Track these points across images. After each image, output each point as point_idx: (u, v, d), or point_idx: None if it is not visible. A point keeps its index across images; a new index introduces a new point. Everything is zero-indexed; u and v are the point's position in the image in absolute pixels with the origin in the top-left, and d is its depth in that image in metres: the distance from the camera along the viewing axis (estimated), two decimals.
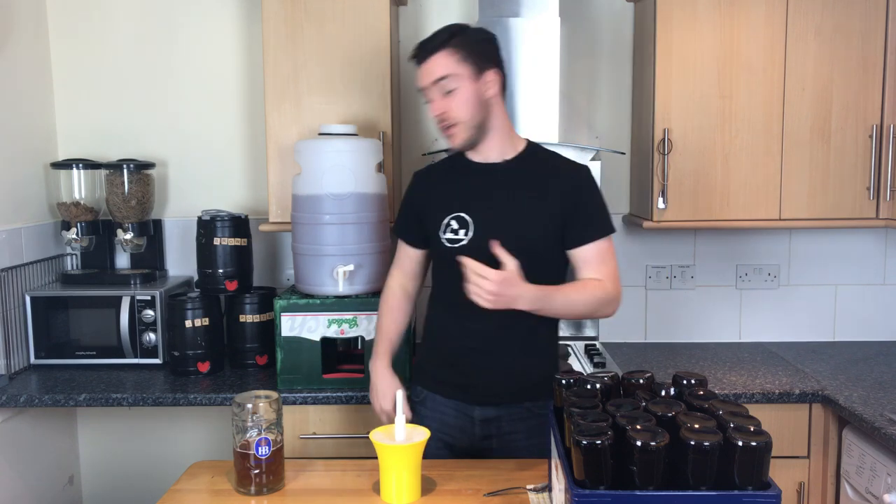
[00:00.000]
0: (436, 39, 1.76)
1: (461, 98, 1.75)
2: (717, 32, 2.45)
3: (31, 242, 2.57)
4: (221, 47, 2.76)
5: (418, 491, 1.56)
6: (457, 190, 1.86)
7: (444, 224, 1.83)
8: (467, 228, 1.80)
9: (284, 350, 2.27)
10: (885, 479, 1.95)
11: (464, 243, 1.80)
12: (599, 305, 1.79)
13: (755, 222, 2.52)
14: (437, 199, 1.87)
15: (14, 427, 2.40)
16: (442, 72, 1.74)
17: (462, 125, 1.77)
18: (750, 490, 1.12)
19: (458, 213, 1.82)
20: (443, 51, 1.75)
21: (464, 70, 1.74)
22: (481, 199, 1.82)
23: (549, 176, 1.81)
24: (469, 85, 1.75)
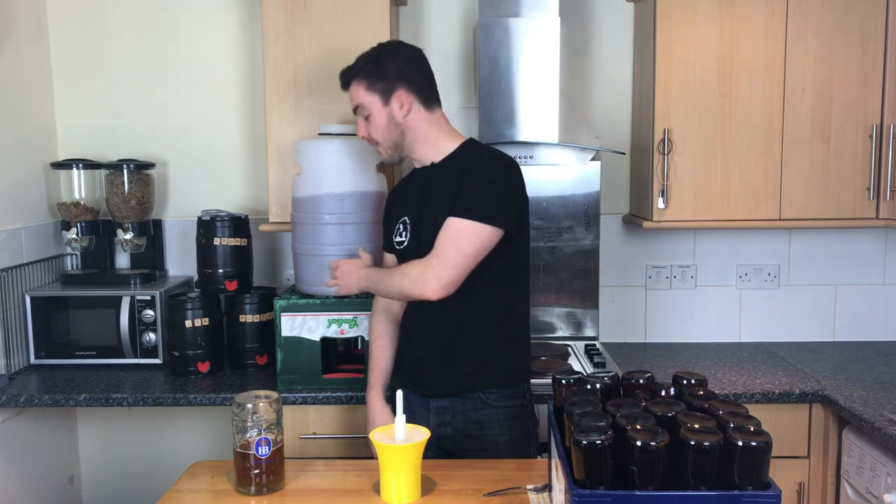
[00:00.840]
0: (351, 70, 1.91)
1: (374, 123, 1.89)
2: (717, 32, 2.45)
3: (31, 242, 2.57)
4: (221, 47, 2.76)
5: (418, 491, 1.56)
6: (404, 196, 1.98)
7: (395, 229, 1.96)
8: (406, 230, 1.92)
9: (284, 350, 2.27)
10: (885, 479, 1.95)
11: (405, 245, 1.91)
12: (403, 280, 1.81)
13: (755, 222, 2.51)
14: (392, 206, 2.02)
15: (14, 427, 2.40)
16: (355, 101, 1.91)
17: (384, 144, 1.91)
18: (750, 490, 1.12)
19: (403, 218, 1.94)
20: (354, 81, 1.90)
21: (372, 98, 1.88)
22: (415, 201, 1.92)
23: (461, 170, 1.83)
24: (379, 110, 1.88)
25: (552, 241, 2.73)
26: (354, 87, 1.90)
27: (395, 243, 1.95)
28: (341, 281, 2.01)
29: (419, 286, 1.78)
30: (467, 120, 2.77)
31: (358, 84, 1.89)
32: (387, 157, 1.94)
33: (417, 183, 1.94)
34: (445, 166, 1.89)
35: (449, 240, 1.77)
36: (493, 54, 2.50)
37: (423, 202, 1.89)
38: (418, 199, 1.91)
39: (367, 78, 1.87)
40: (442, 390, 1.90)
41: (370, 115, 1.89)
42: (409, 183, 2.00)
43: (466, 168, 1.83)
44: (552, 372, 1.94)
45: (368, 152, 2.25)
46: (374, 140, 1.92)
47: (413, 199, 1.93)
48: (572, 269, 2.74)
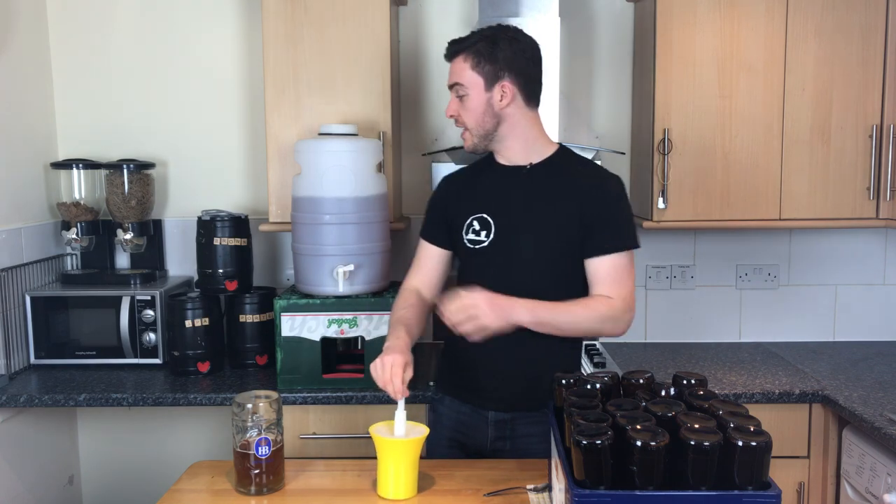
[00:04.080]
0: (460, 42, 1.78)
1: (469, 106, 1.77)
2: (717, 32, 2.45)
3: (31, 242, 2.57)
4: (221, 47, 2.76)
5: (415, 487, 1.57)
6: (481, 191, 1.85)
7: (466, 224, 1.83)
8: (489, 230, 1.80)
9: (284, 350, 2.27)
10: (885, 479, 1.95)
11: (484, 245, 1.80)
12: (603, 324, 1.73)
13: (755, 222, 2.52)
14: (463, 200, 1.86)
15: (14, 427, 2.40)
16: (455, 78, 1.77)
17: (471, 131, 1.79)
18: (750, 490, 1.12)
19: (479, 215, 1.82)
20: (459, 56, 1.77)
21: (475, 79, 1.75)
22: (503, 201, 1.81)
23: (573, 181, 1.79)
24: (478, 94, 1.75)
25: None
26: (460, 62, 1.76)
27: (468, 241, 1.82)
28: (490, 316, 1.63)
29: (619, 327, 1.73)
30: None
31: (465, 60, 1.75)
32: (471, 145, 1.81)
33: (503, 182, 1.82)
34: (546, 172, 1.80)
35: (627, 274, 1.73)
36: None
37: (519, 205, 1.79)
38: (508, 200, 1.80)
39: (477, 57, 1.75)
40: (511, 403, 1.81)
41: (466, 97, 1.76)
42: (482, 177, 1.87)
43: (600, 194, 1.76)
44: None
45: (368, 152, 2.25)
46: (462, 123, 1.79)
47: (498, 197, 1.81)
48: None
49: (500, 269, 1.78)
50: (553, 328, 1.71)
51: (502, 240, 1.78)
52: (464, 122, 1.78)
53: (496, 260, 1.77)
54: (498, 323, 1.63)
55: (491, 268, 1.79)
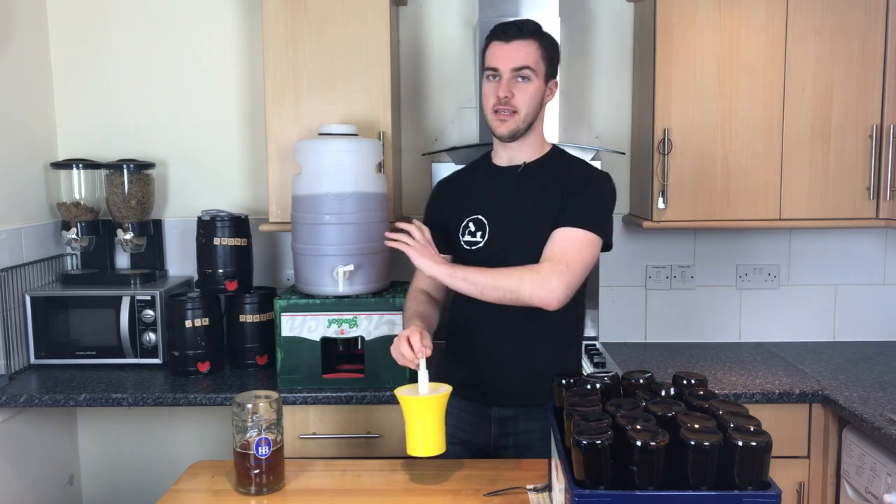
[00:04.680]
0: (528, 25, 1.77)
1: (530, 92, 1.76)
2: (717, 33, 2.45)
3: (31, 242, 2.57)
4: (221, 47, 2.76)
5: (443, 443, 1.60)
6: (476, 193, 1.87)
7: (462, 226, 1.85)
8: (483, 231, 1.81)
9: (284, 350, 2.27)
10: (885, 479, 1.95)
11: (480, 246, 1.81)
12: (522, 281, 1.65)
13: (755, 222, 2.52)
14: (459, 203, 1.88)
15: (14, 427, 2.40)
16: (525, 60, 1.75)
17: (518, 116, 1.77)
18: (750, 490, 1.12)
19: (475, 216, 1.84)
20: (532, 40, 1.76)
21: (541, 68, 1.78)
22: (497, 201, 1.83)
23: (561, 178, 1.80)
24: (539, 83, 1.78)
25: None
26: (532, 45, 1.75)
27: (465, 243, 1.83)
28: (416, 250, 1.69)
29: (544, 292, 1.64)
30: (467, 120, 2.77)
31: (537, 47, 1.76)
32: (513, 128, 1.77)
33: (496, 182, 1.85)
34: (540, 170, 1.83)
35: (575, 249, 1.69)
36: None
37: (510, 204, 1.81)
38: (501, 200, 1.82)
39: (546, 48, 1.78)
40: (514, 400, 1.83)
41: (528, 81, 1.75)
42: (476, 179, 1.89)
43: (577, 178, 1.79)
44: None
45: (368, 152, 2.25)
46: (512, 106, 1.75)
47: (491, 198, 1.83)
48: None
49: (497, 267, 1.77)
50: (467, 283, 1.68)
51: (496, 240, 1.80)
52: (516, 105, 1.75)
53: (491, 260, 1.77)
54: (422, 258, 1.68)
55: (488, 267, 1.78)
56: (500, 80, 1.76)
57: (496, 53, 1.76)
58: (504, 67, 1.75)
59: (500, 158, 1.87)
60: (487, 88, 1.78)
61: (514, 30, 1.75)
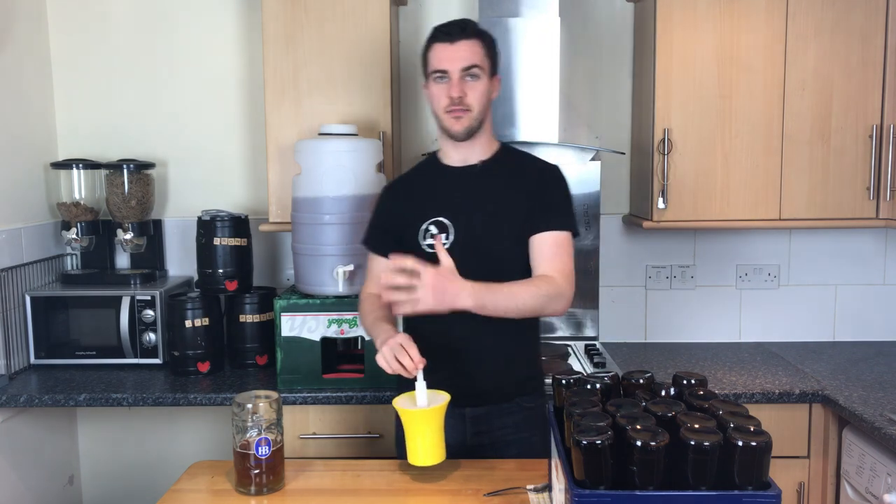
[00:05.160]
0: (470, 24, 1.79)
1: (480, 89, 1.78)
2: (717, 32, 2.45)
3: (31, 242, 2.57)
4: (221, 47, 2.76)
5: (443, 452, 1.61)
6: (434, 195, 1.86)
7: (422, 230, 1.82)
8: (447, 232, 1.81)
9: (284, 350, 2.27)
10: (885, 479, 1.95)
11: (445, 247, 1.78)
12: (547, 301, 1.72)
13: (755, 222, 2.51)
14: (414, 207, 1.86)
15: (14, 427, 2.40)
16: (474, 60, 1.76)
17: (472, 114, 1.78)
18: (750, 490, 1.12)
19: (436, 218, 1.82)
20: (476, 39, 1.78)
21: (486, 65, 1.79)
22: (459, 202, 1.82)
23: (521, 175, 1.84)
24: (486, 80, 1.79)
25: None
26: (477, 44, 1.77)
27: (428, 246, 1.80)
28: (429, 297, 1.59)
29: (561, 305, 1.74)
30: None
31: (481, 45, 1.78)
32: (465, 127, 1.78)
33: (455, 182, 1.84)
34: (496, 168, 1.83)
35: (566, 253, 1.79)
36: None
37: (474, 204, 1.81)
38: (463, 200, 1.82)
39: (488, 45, 1.80)
40: (487, 399, 1.83)
41: (477, 80, 1.76)
42: (429, 181, 1.89)
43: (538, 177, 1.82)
44: (552, 372, 1.93)
45: (368, 152, 2.25)
46: (465, 105, 1.76)
47: (453, 199, 1.82)
48: None
49: (463, 269, 1.76)
50: (496, 311, 1.69)
51: (463, 240, 1.79)
52: (469, 103, 1.77)
53: (458, 261, 1.74)
54: (436, 307, 1.61)
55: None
56: (450, 80, 1.76)
57: (442, 55, 1.77)
58: (453, 68, 1.75)
59: (451, 159, 1.86)
60: (437, 90, 1.78)
61: (458, 30, 1.77)
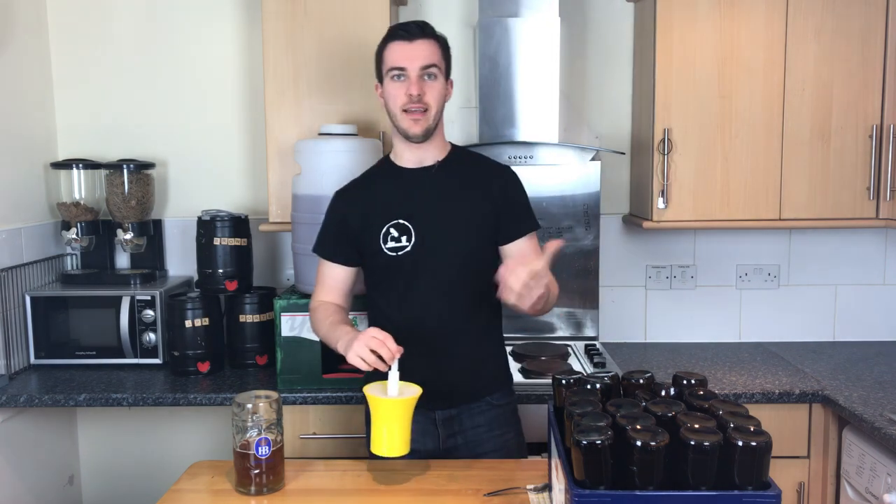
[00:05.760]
0: (427, 26, 1.79)
1: (437, 88, 1.78)
2: (717, 32, 2.45)
3: (31, 242, 2.57)
4: (221, 47, 2.76)
5: (407, 445, 1.59)
6: (390, 198, 1.84)
7: (382, 234, 1.81)
8: (409, 235, 1.79)
9: (284, 350, 2.27)
10: (885, 479, 1.95)
11: (407, 250, 1.79)
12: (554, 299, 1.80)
13: (755, 222, 2.51)
14: (371, 211, 1.84)
15: (14, 427, 2.40)
16: (431, 59, 1.76)
17: (429, 113, 1.77)
18: (750, 490, 1.12)
19: (396, 221, 1.80)
20: (433, 40, 1.78)
21: (443, 66, 1.80)
22: (419, 203, 1.81)
23: (478, 176, 1.86)
24: (442, 80, 1.80)
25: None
26: (434, 45, 1.77)
27: (389, 249, 1.80)
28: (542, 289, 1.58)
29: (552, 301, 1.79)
30: (467, 120, 2.77)
31: (438, 46, 1.78)
32: (422, 127, 1.77)
33: (412, 184, 1.83)
34: (452, 169, 1.84)
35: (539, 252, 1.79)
36: (492, 54, 2.50)
37: (434, 205, 1.81)
38: (423, 201, 1.81)
39: (444, 47, 1.81)
40: (455, 400, 1.84)
41: (435, 80, 1.76)
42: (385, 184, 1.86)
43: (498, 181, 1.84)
44: (552, 372, 1.94)
45: (369, 152, 2.25)
46: (424, 103, 1.75)
47: (412, 200, 1.82)
48: (572, 269, 2.74)
49: (427, 270, 1.80)
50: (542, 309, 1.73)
51: (425, 242, 1.79)
52: (427, 102, 1.76)
53: (421, 263, 1.78)
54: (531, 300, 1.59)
55: (417, 271, 1.80)
56: (408, 79, 1.75)
57: (401, 53, 1.75)
58: (412, 66, 1.74)
59: (405, 160, 1.85)
60: (395, 88, 1.76)
61: (417, 29, 1.76)
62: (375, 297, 1.90)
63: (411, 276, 1.80)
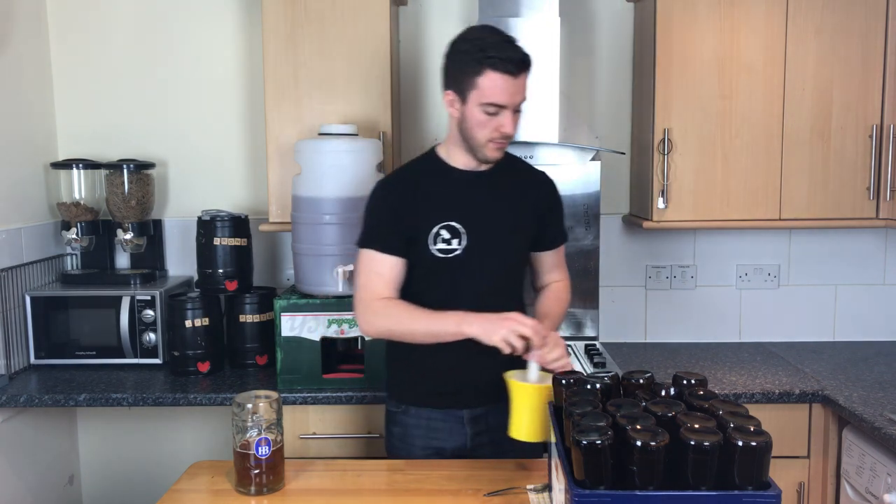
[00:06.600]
0: (526, 57, 1.68)
1: (519, 119, 1.73)
2: (717, 32, 2.45)
3: (31, 242, 2.57)
4: (221, 47, 2.76)
5: (545, 433, 1.57)
6: (441, 197, 1.79)
7: (433, 234, 1.76)
8: (460, 238, 1.76)
9: (284, 350, 2.27)
10: (885, 479, 1.95)
11: (457, 253, 1.76)
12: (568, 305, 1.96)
13: (755, 222, 2.52)
14: (421, 208, 1.78)
15: (14, 427, 2.40)
16: (525, 93, 1.71)
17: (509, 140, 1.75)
18: (750, 490, 1.12)
19: (448, 223, 1.76)
20: (530, 69, 1.71)
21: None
22: (472, 207, 1.79)
23: (524, 183, 1.87)
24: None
25: None
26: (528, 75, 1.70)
27: (438, 251, 1.75)
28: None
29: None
30: None
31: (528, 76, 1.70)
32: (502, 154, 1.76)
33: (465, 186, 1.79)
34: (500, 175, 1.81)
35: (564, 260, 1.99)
36: None
37: (487, 211, 1.79)
38: (475, 205, 1.78)
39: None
40: (484, 399, 1.82)
41: (519, 111, 1.72)
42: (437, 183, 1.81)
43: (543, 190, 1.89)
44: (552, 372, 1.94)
45: (369, 152, 2.25)
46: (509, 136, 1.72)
47: (464, 203, 1.78)
48: (572, 269, 2.69)
49: (474, 274, 1.79)
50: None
51: (475, 246, 1.77)
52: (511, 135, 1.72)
53: (470, 266, 1.77)
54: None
55: (465, 275, 1.78)
56: (504, 115, 1.68)
57: (502, 89, 1.65)
58: (511, 103, 1.67)
59: (457, 161, 1.80)
60: (486, 120, 1.68)
61: (522, 63, 1.67)
62: (409, 296, 1.81)
63: (457, 278, 1.78)
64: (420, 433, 1.85)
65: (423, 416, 1.86)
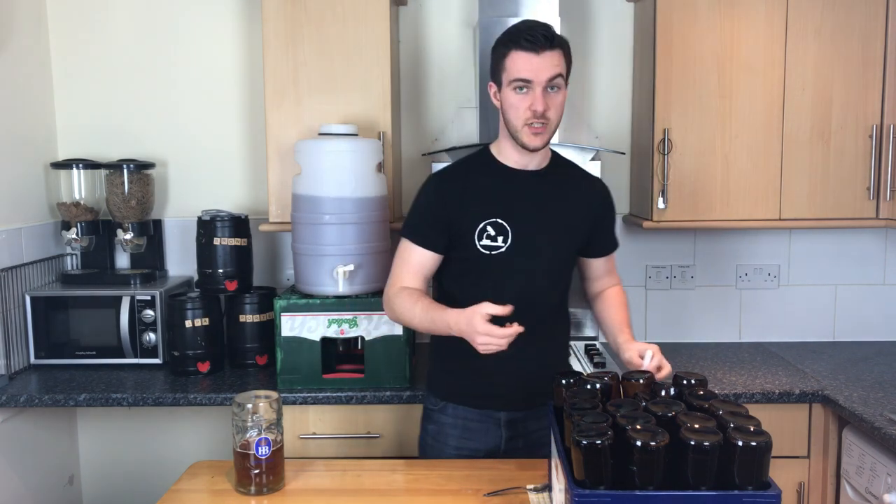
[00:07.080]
0: (555, 34, 1.67)
1: (560, 101, 1.71)
2: (717, 32, 2.45)
3: (31, 242, 2.57)
4: (221, 47, 2.76)
5: None
6: (493, 194, 1.78)
7: (479, 230, 1.76)
8: (505, 235, 1.76)
9: (284, 350, 2.27)
10: (885, 479, 1.95)
11: (502, 251, 1.76)
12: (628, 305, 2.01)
13: (755, 222, 2.52)
14: (468, 204, 1.77)
15: (14, 427, 2.40)
16: (558, 69, 1.68)
17: (550, 126, 1.71)
18: (750, 490, 1.12)
19: (494, 219, 1.76)
20: (560, 48, 1.69)
21: (566, 74, 1.72)
22: (519, 206, 1.78)
23: (579, 188, 1.87)
24: (565, 91, 1.73)
25: None
26: (560, 54, 1.68)
27: (483, 247, 1.76)
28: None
29: None
30: (467, 120, 2.77)
31: (562, 53, 1.68)
32: (544, 142, 1.72)
33: (515, 184, 1.79)
34: (550, 176, 1.82)
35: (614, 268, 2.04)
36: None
37: (534, 208, 1.78)
38: (523, 205, 1.78)
39: (568, 53, 1.72)
40: (522, 402, 1.83)
41: (558, 91, 1.69)
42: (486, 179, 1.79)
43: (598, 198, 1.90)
44: None
45: (368, 152, 2.25)
46: (546, 118, 1.68)
47: (513, 201, 1.77)
48: None
49: (519, 273, 1.79)
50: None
51: (521, 244, 1.77)
52: (549, 117, 1.69)
53: (515, 265, 1.77)
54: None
55: (509, 273, 1.78)
56: (532, 92, 1.67)
57: (527, 65, 1.66)
58: (538, 79, 1.66)
59: (509, 160, 1.80)
60: (517, 100, 1.68)
61: (544, 39, 1.66)
62: (455, 290, 1.82)
63: (501, 276, 1.78)
64: (455, 433, 1.85)
65: (460, 416, 1.86)
